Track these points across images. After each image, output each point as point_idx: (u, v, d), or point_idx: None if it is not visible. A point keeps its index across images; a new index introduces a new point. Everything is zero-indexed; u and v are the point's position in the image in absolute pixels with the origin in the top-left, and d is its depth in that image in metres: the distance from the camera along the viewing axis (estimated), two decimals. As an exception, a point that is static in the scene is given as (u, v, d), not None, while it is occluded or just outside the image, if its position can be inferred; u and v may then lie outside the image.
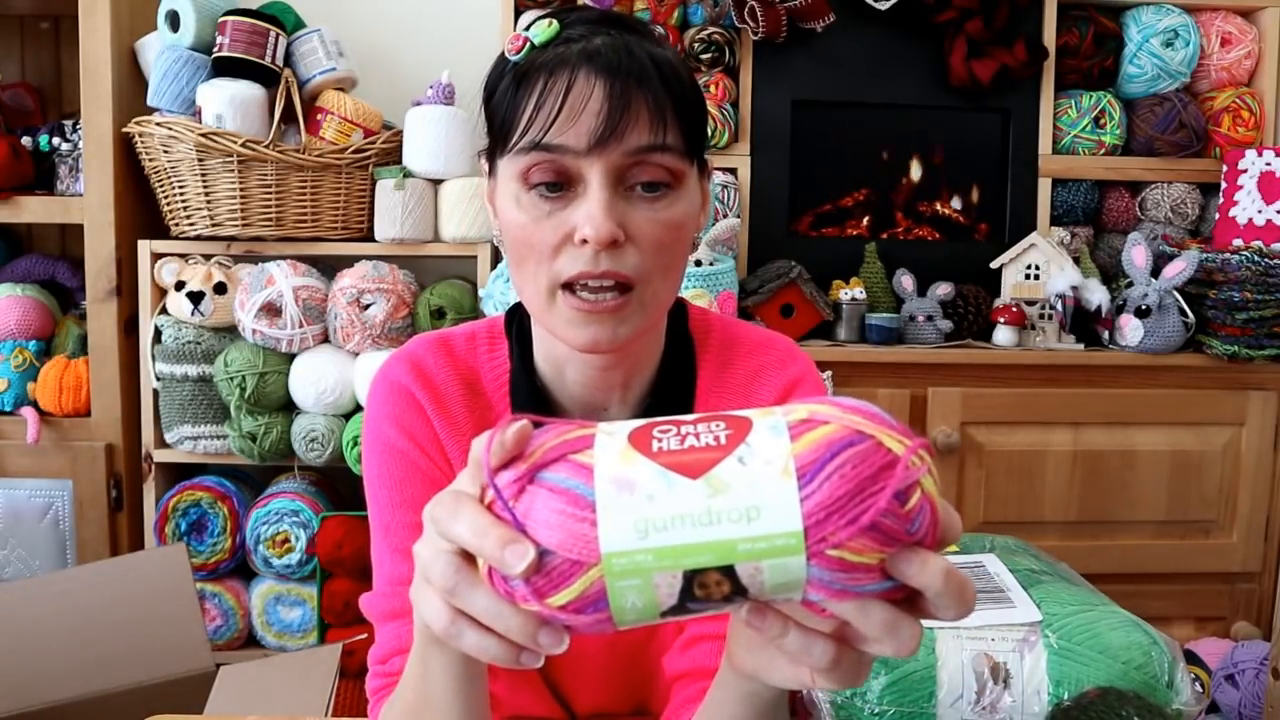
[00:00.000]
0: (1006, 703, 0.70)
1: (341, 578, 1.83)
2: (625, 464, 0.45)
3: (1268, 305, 1.85)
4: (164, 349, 1.89)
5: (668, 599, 0.45)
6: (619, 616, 0.45)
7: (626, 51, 0.69)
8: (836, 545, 0.43)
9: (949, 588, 0.45)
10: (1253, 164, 1.97)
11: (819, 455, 0.44)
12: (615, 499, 0.44)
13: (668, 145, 0.69)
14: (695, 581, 0.44)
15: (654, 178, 0.70)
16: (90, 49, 1.88)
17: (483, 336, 0.84)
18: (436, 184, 1.93)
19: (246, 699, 1.32)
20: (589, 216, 0.68)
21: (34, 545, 1.92)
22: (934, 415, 1.87)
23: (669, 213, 0.71)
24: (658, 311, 0.75)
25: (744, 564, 0.44)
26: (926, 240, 2.14)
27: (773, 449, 0.45)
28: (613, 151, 0.68)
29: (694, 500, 0.44)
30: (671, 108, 0.70)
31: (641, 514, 0.44)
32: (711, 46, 1.99)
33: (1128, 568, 1.93)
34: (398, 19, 2.25)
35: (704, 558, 0.44)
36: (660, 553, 0.44)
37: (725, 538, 0.43)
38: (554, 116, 0.68)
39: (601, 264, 0.69)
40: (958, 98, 2.08)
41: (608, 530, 0.44)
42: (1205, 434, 1.93)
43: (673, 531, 0.44)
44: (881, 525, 0.44)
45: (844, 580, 0.44)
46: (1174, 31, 2.06)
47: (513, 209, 0.72)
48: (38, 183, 1.98)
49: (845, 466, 0.44)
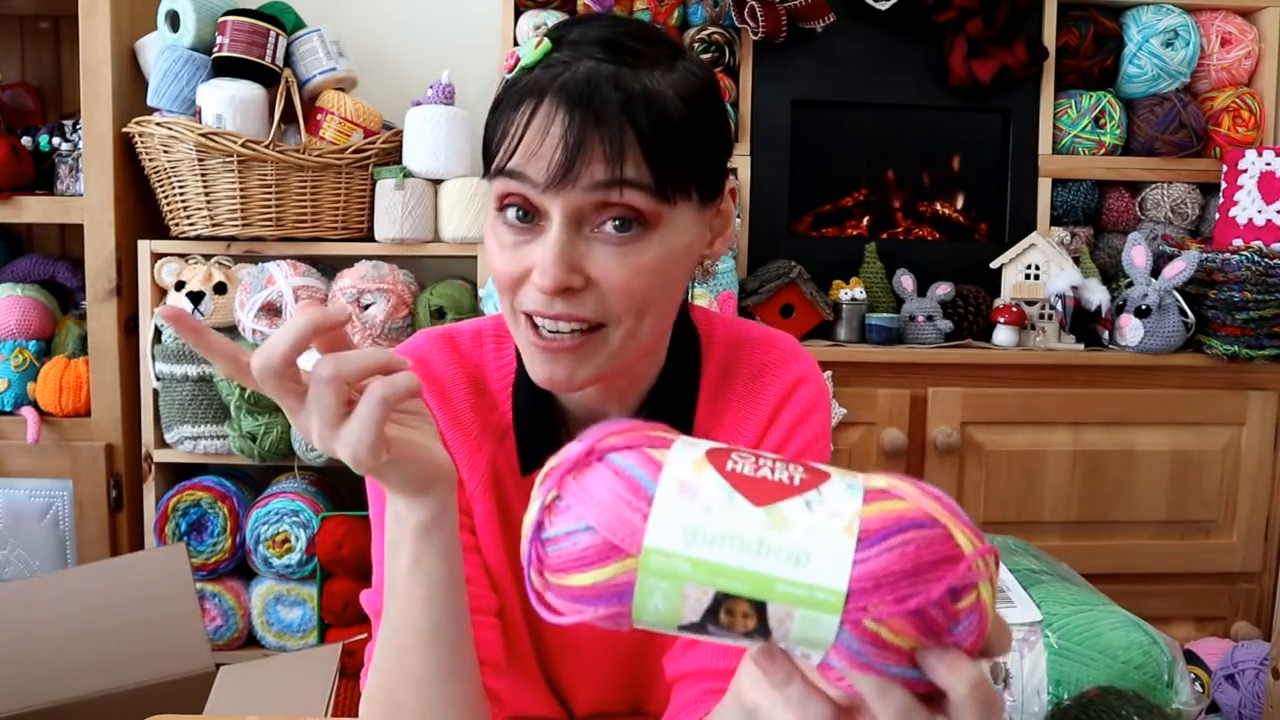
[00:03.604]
0: (1007, 702, 0.70)
1: (341, 578, 1.83)
2: (695, 472, 0.45)
3: (1268, 305, 1.85)
4: (164, 349, 1.89)
5: (691, 614, 0.45)
6: (637, 614, 0.45)
7: (600, 81, 0.64)
8: (876, 619, 0.43)
9: (975, 697, 0.43)
10: (1253, 164, 1.97)
11: (886, 526, 0.43)
12: (674, 499, 0.44)
13: (627, 181, 0.64)
14: (724, 606, 0.44)
15: (623, 215, 0.65)
16: (90, 49, 1.88)
17: (489, 334, 0.83)
18: (436, 184, 1.93)
19: (246, 699, 1.32)
20: (539, 262, 0.65)
21: (34, 545, 1.92)
22: (934, 415, 1.87)
23: (639, 257, 0.66)
24: (636, 349, 0.71)
25: (777, 604, 0.43)
26: (926, 240, 2.14)
27: (842, 505, 0.44)
28: (570, 190, 0.64)
29: (750, 526, 0.43)
30: (638, 142, 0.64)
31: (695, 522, 0.44)
32: (711, 46, 1.99)
33: (1128, 568, 1.93)
34: (398, 19, 2.25)
35: (741, 585, 0.43)
36: (700, 565, 0.43)
37: (768, 572, 0.43)
38: (516, 145, 0.65)
39: (556, 307, 0.66)
40: (958, 98, 2.08)
41: (657, 525, 0.44)
42: (1205, 434, 1.93)
43: (719, 548, 0.43)
44: (927, 614, 0.43)
45: (871, 655, 0.44)
46: (1174, 31, 2.06)
47: (489, 233, 0.70)
48: (38, 183, 1.98)
49: (909, 546, 0.43)
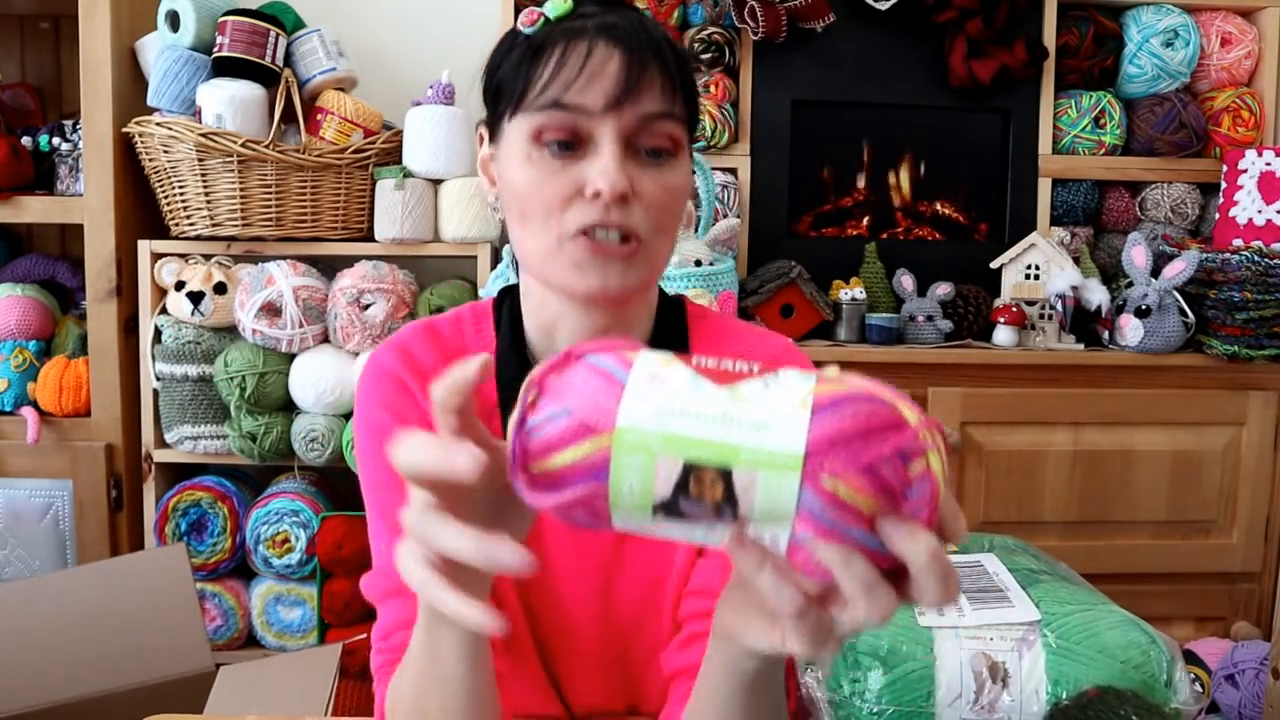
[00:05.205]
0: (1005, 702, 0.70)
1: (341, 578, 1.83)
2: (663, 365, 0.50)
3: (1268, 305, 1.85)
4: (164, 349, 1.89)
5: (664, 488, 0.48)
6: (614, 498, 0.49)
7: (641, 26, 0.75)
8: (832, 474, 0.46)
9: (934, 568, 0.45)
10: (1253, 164, 1.97)
11: (837, 399, 0.47)
12: (645, 386, 0.49)
13: (675, 114, 0.75)
14: (693, 475, 0.48)
15: (659, 144, 0.75)
16: (90, 49, 1.88)
17: (468, 319, 0.88)
18: (436, 184, 1.93)
19: (246, 699, 1.33)
20: (604, 171, 0.73)
21: (34, 545, 1.93)
22: (934, 415, 1.86)
23: (670, 177, 0.77)
24: (655, 269, 0.79)
25: (741, 470, 0.47)
26: (926, 240, 2.14)
27: (797, 385, 0.49)
28: (626, 114, 0.73)
29: (714, 403, 0.48)
30: (680, 81, 0.76)
31: (663, 403, 0.48)
32: (711, 46, 1.99)
33: (1127, 568, 1.93)
34: (398, 19, 2.25)
35: (707, 453, 0.47)
36: (669, 439, 0.48)
37: (731, 441, 0.47)
38: (574, 78, 0.73)
39: (613, 216, 0.74)
40: (958, 98, 2.08)
41: (628, 406, 0.48)
42: (1205, 434, 1.93)
43: (686, 422, 0.48)
44: (880, 473, 0.46)
45: (833, 517, 0.46)
46: (1174, 31, 2.06)
47: (520, 166, 0.75)
48: (38, 183, 1.98)
49: (859, 414, 0.47)
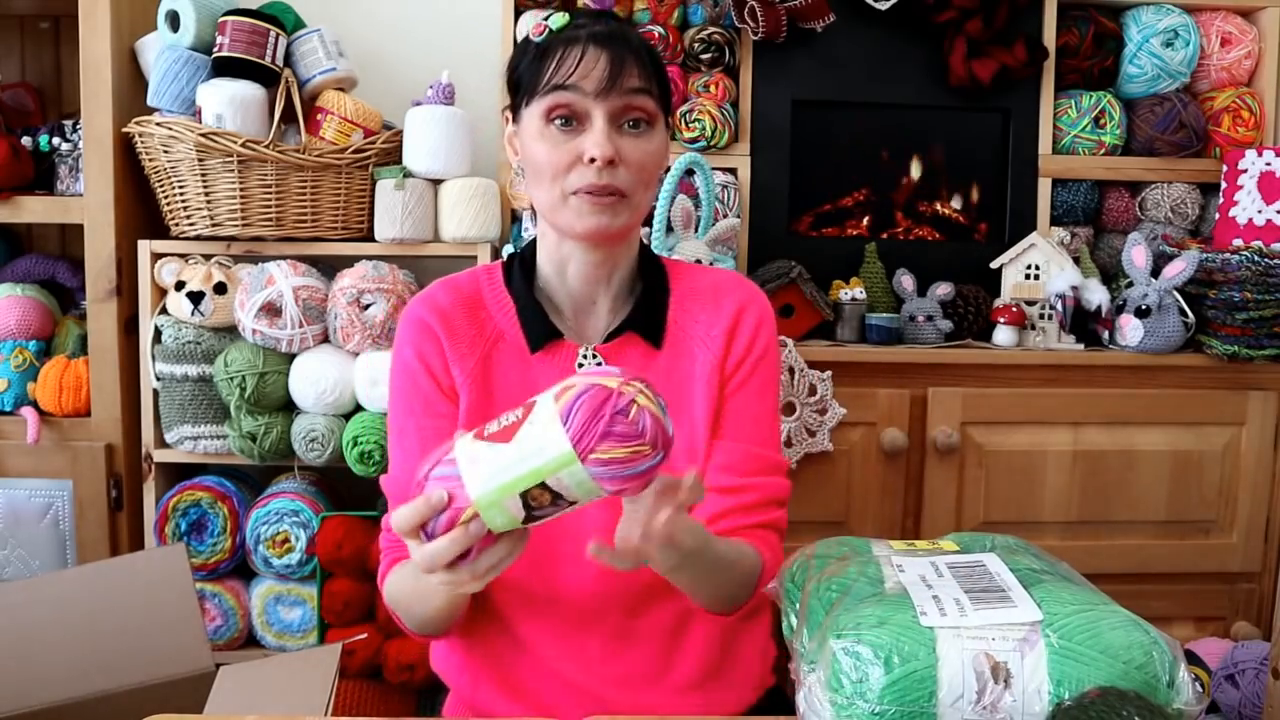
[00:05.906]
0: (1007, 702, 0.70)
1: (341, 578, 1.83)
2: (471, 447, 0.77)
3: (1268, 305, 1.85)
4: (164, 349, 1.89)
5: (520, 513, 0.77)
6: (495, 531, 0.79)
7: (622, 33, 1.04)
8: (593, 449, 0.73)
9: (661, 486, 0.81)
10: (1253, 164, 1.97)
11: (570, 404, 0.73)
12: (470, 468, 0.76)
13: (650, 91, 1.04)
14: (528, 497, 0.75)
15: (637, 116, 1.04)
16: (90, 49, 1.88)
17: (483, 272, 1.18)
18: (436, 184, 1.93)
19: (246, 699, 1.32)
20: (595, 142, 1.01)
21: (34, 545, 1.92)
22: (934, 415, 1.87)
23: (648, 143, 1.06)
24: (638, 215, 1.09)
25: (551, 478, 0.74)
26: (926, 240, 2.14)
27: (546, 411, 0.74)
28: (613, 98, 1.02)
29: (510, 455, 0.75)
30: (651, 70, 1.05)
31: (485, 472, 0.75)
32: (711, 46, 1.99)
33: (1128, 568, 1.93)
34: (398, 19, 2.25)
35: (526, 482, 0.74)
36: (502, 488, 0.75)
37: (534, 468, 0.74)
38: (572, 71, 1.01)
39: (603, 178, 1.02)
40: (958, 98, 2.08)
41: (470, 485, 0.76)
42: (1205, 434, 1.93)
43: (505, 474, 0.75)
44: (615, 429, 0.73)
45: (618, 469, 0.74)
46: (1174, 31, 2.06)
47: (535, 140, 1.04)
48: (38, 183, 1.98)
49: (583, 403, 0.73)
